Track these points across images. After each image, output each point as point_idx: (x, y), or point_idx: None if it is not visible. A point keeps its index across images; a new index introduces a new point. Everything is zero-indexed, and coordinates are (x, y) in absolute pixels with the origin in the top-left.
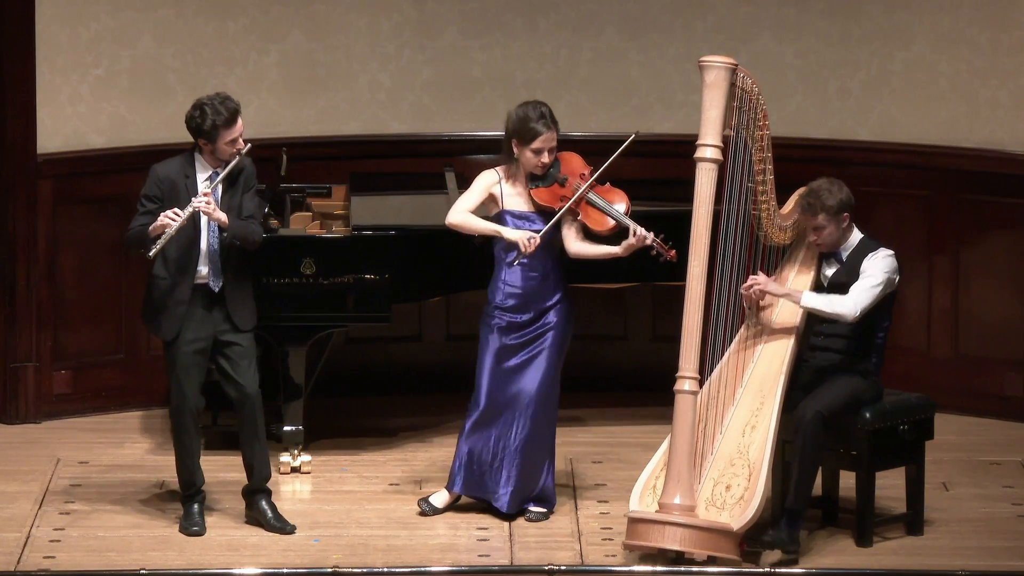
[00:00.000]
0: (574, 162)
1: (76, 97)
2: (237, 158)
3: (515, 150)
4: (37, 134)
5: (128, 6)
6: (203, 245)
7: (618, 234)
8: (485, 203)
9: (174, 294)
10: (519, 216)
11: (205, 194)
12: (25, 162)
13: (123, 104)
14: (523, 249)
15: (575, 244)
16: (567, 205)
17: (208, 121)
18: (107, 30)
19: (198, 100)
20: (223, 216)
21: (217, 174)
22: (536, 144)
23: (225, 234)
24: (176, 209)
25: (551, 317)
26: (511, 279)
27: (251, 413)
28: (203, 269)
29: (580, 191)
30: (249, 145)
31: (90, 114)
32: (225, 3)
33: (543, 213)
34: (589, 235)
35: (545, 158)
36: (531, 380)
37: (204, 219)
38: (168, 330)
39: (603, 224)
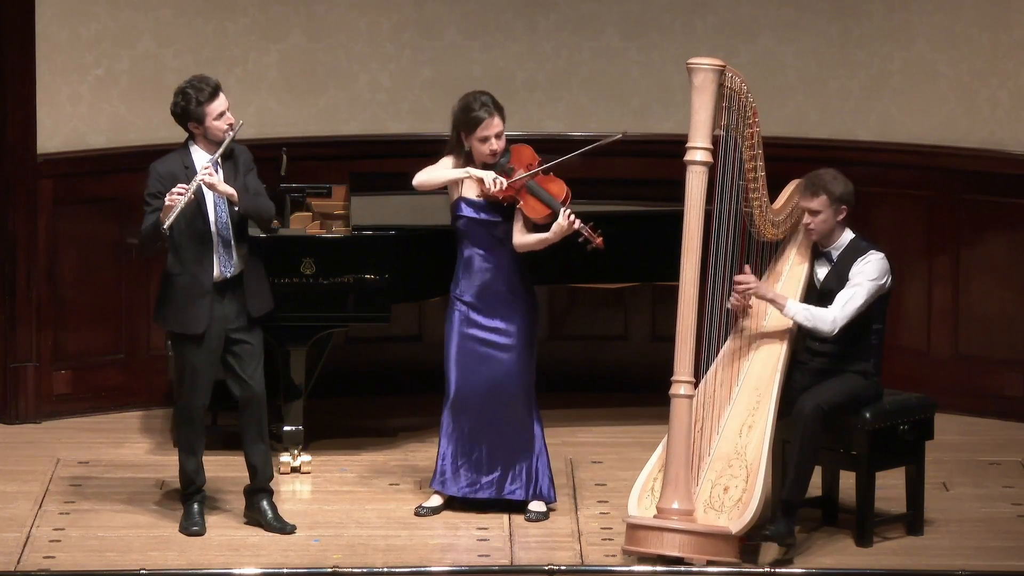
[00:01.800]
0: (524, 153)
1: (76, 97)
2: (231, 134)
3: (465, 143)
4: (37, 134)
5: (128, 6)
6: (213, 234)
7: (554, 222)
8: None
9: (195, 287)
10: (472, 204)
11: (206, 167)
12: (25, 162)
13: (123, 104)
14: (487, 186)
15: (519, 236)
16: (510, 182)
17: (192, 100)
18: (107, 30)
19: (176, 89)
20: (230, 189)
21: (217, 162)
22: (480, 132)
23: (237, 208)
24: (181, 185)
25: (513, 314)
26: (466, 270)
27: (256, 413)
28: (215, 258)
29: (524, 176)
30: (241, 122)
31: (90, 114)
32: (225, 3)
33: (490, 202)
34: (531, 225)
35: (494, 145)
36: (503, 376)
37: (211, 208)
38: (196, 323)
39: (539, 212)
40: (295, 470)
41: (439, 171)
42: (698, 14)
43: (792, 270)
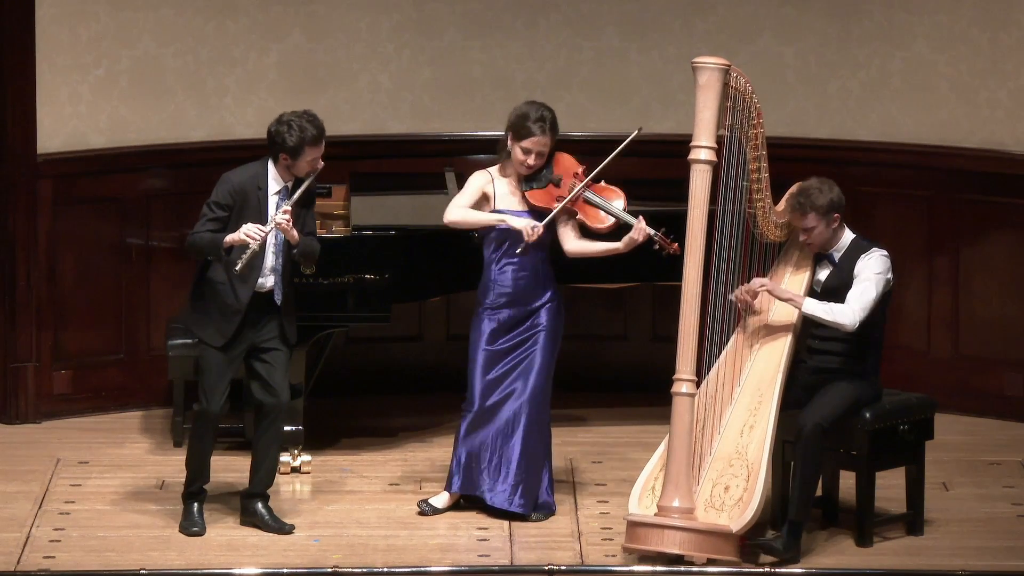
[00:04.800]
0: (566, 162)
1: (76, 97)
2: (312, 177)
3: (509, 143)
4: (37, 134)
5: (128, 6)
6: (268, 256)
7: (617, 230)
8: (478, 202)
9: (233, 302)
10: (511, 214)
11: (286, 211)
12: (25, 162)
13: (123, 104)
14: (527, 237)
15: (573, 243)
16: (563, 204)
17: (295, 137)
18: (107, 30)
19: (284, 115)
20: (296, 234)
21: (287, 189)
22: (526, 143)
23: (295, 251)
24: (259, 225)
25: (541, 318)
26: (501, 279)
27: (276, 420)
28: (267, 281)
29: (577, 190)
30: (322, 164)
31: (90, 114)
32: (225, 3)
33: (538, 214)
34: (588, 233)
35: (531, 160)
36: (525, 381)
37: (272, 236)
38: (218, 337)
39: (602, 221)
40: (295, 470)
41: (472, 215)
42: (698, 14)
43: (795, 272)
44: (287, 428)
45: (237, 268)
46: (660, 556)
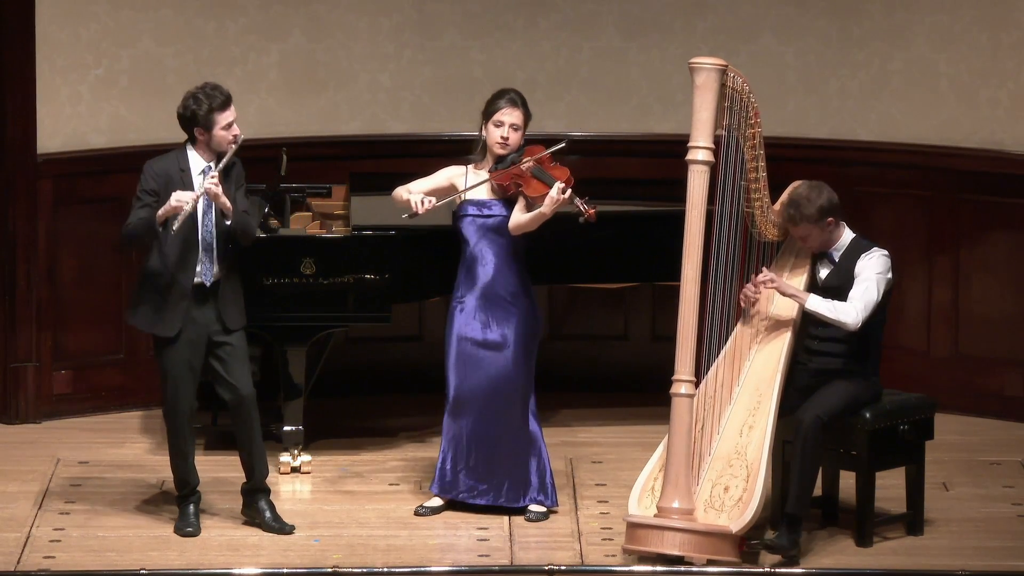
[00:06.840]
0: (535, 149)
1: (76, 97)
2: (234, 147)
3: (483, 131)
4: (37, 134)
5: (128, 6)
6: (200, 239)
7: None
8: (443, 187)
9: (174, 289)
10: (477, 203)
11: (213, 177)
12: (25, 162)
13: (123, 104)
14: (413, 207)
15: (513, 218)
16: (502, 168)
17: (204, 106)
18: (107, 30)
19: (187, 92)
20: (228, 202)
21: (210, 167)
22: (496, 116)
23: (228, 222)
24: (184, 192)
25: (512, 317)
26: (466, 270)
27: (247, 414)
28: (198, 266)
29: (524, 161)
30: (243, 136)
31: (90, 114)
32: (225, 3)
33: (496, 199)
34: (530, 207)
35: (504, 132)
36: (500, 380)
37: (200, 214)
38: (170, 326)
39: (538, 191)
40: (295, 470)
41: (400, 195)
42: (698, 14)
43: (794, 270)
44: (287, 428)
45: (174, 227)
46: (660, 557)
